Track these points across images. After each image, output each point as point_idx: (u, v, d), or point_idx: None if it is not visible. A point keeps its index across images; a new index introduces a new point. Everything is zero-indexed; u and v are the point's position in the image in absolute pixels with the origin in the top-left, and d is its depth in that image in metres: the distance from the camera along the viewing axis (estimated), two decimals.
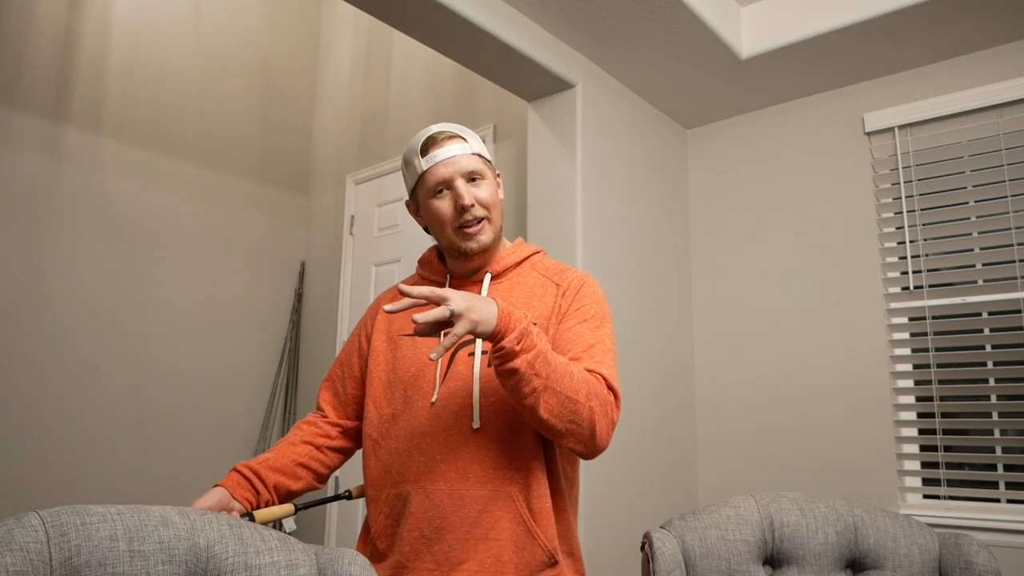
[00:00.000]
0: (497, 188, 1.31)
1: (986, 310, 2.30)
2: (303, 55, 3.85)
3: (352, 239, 3.50)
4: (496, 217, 1.30)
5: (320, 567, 0.94)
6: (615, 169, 2.59)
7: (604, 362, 1.19)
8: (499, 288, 1.31)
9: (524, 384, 1.05)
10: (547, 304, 1.27)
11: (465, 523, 1.15)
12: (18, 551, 0.74)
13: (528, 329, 1.06)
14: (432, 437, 1.21)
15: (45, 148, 2.85)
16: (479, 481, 1.17)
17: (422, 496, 1.18)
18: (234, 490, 1.19)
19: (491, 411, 1.20)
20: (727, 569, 1.29)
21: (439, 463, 1.19)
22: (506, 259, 1.33)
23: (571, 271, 1.34)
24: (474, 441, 1.18)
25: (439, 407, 1.22)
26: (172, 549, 0.85)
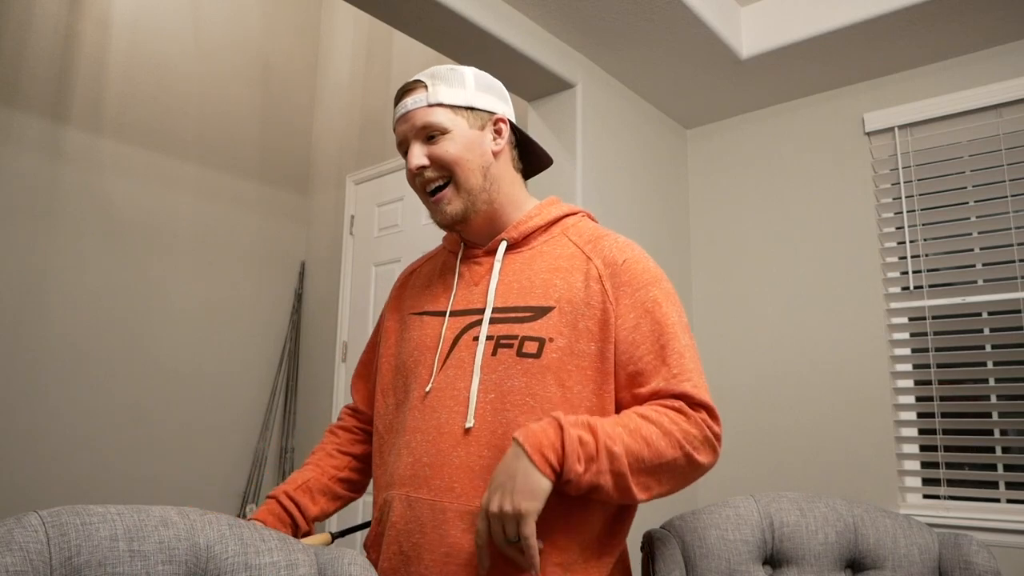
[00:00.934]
0: (482, 138, 1.07)
1: (986, 310, 2.30)
2: (303, 55, 3.85)
3: (352, 239, 3.50)
4: (465, 177, 1.05)
5: (320, 567, 0.94)
6: (615, 169, 2.59)
7: (682, 371, 0.97)
8: (517, 260, 1.08)
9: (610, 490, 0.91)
10: (578, 284, 1.02)
11: (445, 543, 0.96)
12: (18, 551, 0.74)
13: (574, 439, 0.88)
14: (421, 434, 1.02)
15: (45, 148, 2.85)
16: (466, 493, 0.96)
17: (404, 505, 1.00)
18: (274, 526, 1.10)
19: (489, 409, 0.99)
20: (727, 569, 1.29)
21: (424, 467, 1.00)
22: (527, 223, 1.09)
23: (606, 239, 1.07)
24: (465, 445, 0.98)
25: (432, 399, 1.03)
26: (172, 549, 0.85)
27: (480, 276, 1.09)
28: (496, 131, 1.09)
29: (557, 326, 1.00)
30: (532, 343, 1.00)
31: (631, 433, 0.91)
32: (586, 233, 1.09)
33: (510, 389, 0.99)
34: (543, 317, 1.01)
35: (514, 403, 0.98)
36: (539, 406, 0.98)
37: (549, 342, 0.99)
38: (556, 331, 1.00)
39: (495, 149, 1.08)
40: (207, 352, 3.29)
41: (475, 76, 1.10)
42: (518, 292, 1.04)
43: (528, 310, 1.02)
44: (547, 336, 0.99)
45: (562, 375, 0.98)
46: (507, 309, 1.03)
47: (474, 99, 1.07)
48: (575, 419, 0.91)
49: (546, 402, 0.98)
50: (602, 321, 1.00)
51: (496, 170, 1.08)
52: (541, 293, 1.03)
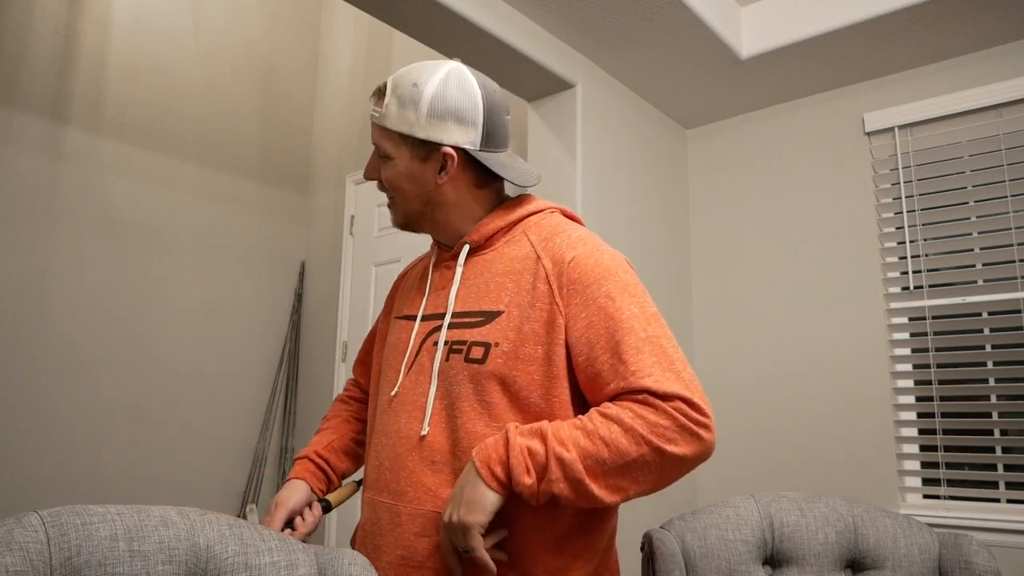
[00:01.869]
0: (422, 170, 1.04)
1: (986, 310, 2.30)
2: (303, 55, 3.85)
3: (352, 239, 3.50)
4: (403, 202, 1.08)
5: (320, 567, 0.94)
6: (615, 169, 2.59)
7: (640, 367, 0.90)
8: (478, 264, 1.06)
9: (570, 498, 0.89)
10: (527, 286, 1.00)
11: (401, 546, 0.98)
12: (18, 551, 0.74)
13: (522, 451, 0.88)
14: (385, 438, 1.04)
15: (45, 148, 2.85)
16: (419, 497, 0.98)
17: (369, 507, 1.04)
18: (312, 483, 1.17)
19: (443, 416, 0.99)
20: (727, 569, 1.29)
21: (385, 471, 1.02)
22: (489, 224, 1.07)
23: (560, 236, 1.03)
24: (419, 452, 0.99)
25: (397, 403, 1.05)
26: (172, 549, 0.85)
27: (447, 281, 1.09)
28: (441, 164, 1.04)
29: (504, 330, 0.98)
30: (478, 348, 0.99)
31: (588, 435, 0.88)
32: (545, 230, 1.06)
33: (459, 395, 0.99)
34: (492, 322, 1.00)
35: (462, 409, 0.98)
36: (486, 412, 0.97)
37: (494, 347, 0.98)
38: (502, 335, 0.98)
39: (440, 182, 1.05)
40: (207, 352, 3.29)
41: (431, 101, 1.02)
42: (475, 296, 1.04)
43: (480, 315, 1.01)
44: (493, 341, 0.98)
45: (507, 380, 0.97)
46: (464, 314, 1.03)
47: (421, 129, 1.02)
48: (528, 428, 0.91)
49: (492, 408, 0.97)
50: (548, 323, 0.97)
51: (442, 197, 1.06)
52: (494, 297, 1.02)
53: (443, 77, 1.02)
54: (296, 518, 1.15)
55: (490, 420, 0.97)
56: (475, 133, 1.04)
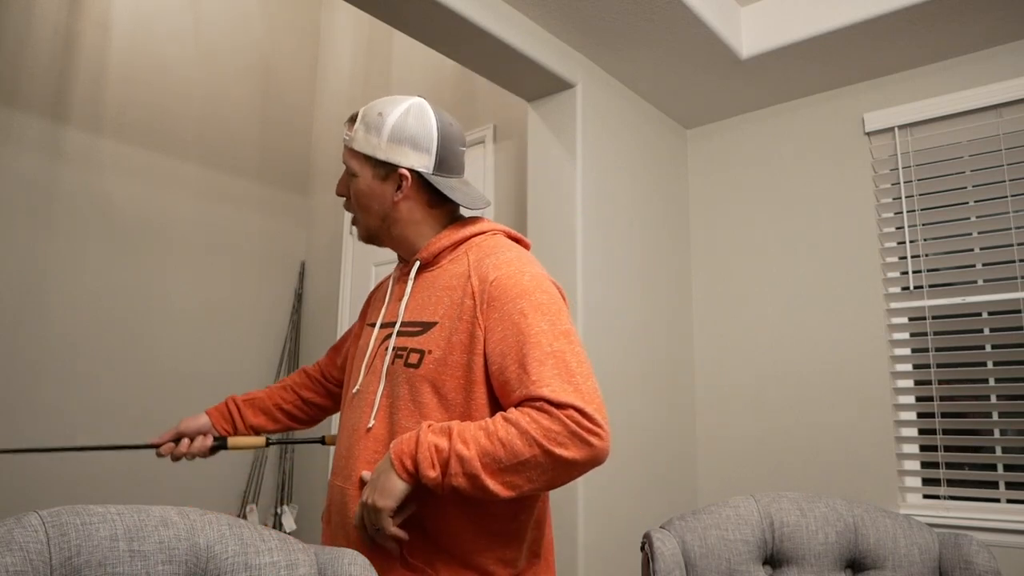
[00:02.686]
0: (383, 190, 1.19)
1: (986, 310, 2.30)
2: (303, 56, 3.85)
3: (352, 239, 3.50)
4: (366, 218, 1.22)
5: (320, 567, 0.94)
6: (615, 169, 2.59)
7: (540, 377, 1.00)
8: (428, 277, 1.20)
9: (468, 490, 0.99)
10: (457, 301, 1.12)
11: (348, 525, 1.13)
12: (18, 551, 0.74)
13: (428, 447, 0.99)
14: (345, 430, 1.20)
15: (45, 148, 2.85)
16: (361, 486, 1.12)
17: (333, 490, 1.18)
18: (216, 421, 1.41)
19: (386, 412, 1.14)
20: (727, 569, 1.29)
21: (342, 458, 1.17)
22: (437, 243, 1.20)
23: (491, 257, 1.14)
24: (365, 442, 1.14)
25: (355, 400, 1.20)
26: (172, 549, 0.85)
27: (401, 293, 1.24)
28: (398, 184, 1.19)
29: (436, 340, 1.12)
30: (415, 355, 1.13)
31: (488, 435, 0.99)
32: (482, 251, 1.17)
33: (398, 395, 1.13)
34: (428, 331, 1.14)
35: (399, 408, 1.12)
36: (419, 411, 1.10)
37: (428, 354, 1.11)
38: (435, 344, 1.11)
39: (396, 199, 1.19)
40: (207, 352, 3.29)
41: (392, 128, 1.18)
42: (419, 309, 1.17)
43: (420, 325, 1.16)
44: (427, 348, 1.12)
45: (437, 383, 1.10)
46: (409, 323, 1.18)
47: (382, 152, 1.18)
48: (439, 426, 1.02)
49: (424, 407, 1.10)
50: (470, 334, 1.09)
51: (398, 214, 1.21)
52: (432, 310, 1.15)
53: (405, 109, 1.19)
54: (184, 439, 1.38)
55: (420, 417, 1.10)
56: (428, 159, 1.19)
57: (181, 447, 1.37)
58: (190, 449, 1.37)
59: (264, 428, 1.46)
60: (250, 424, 1.43)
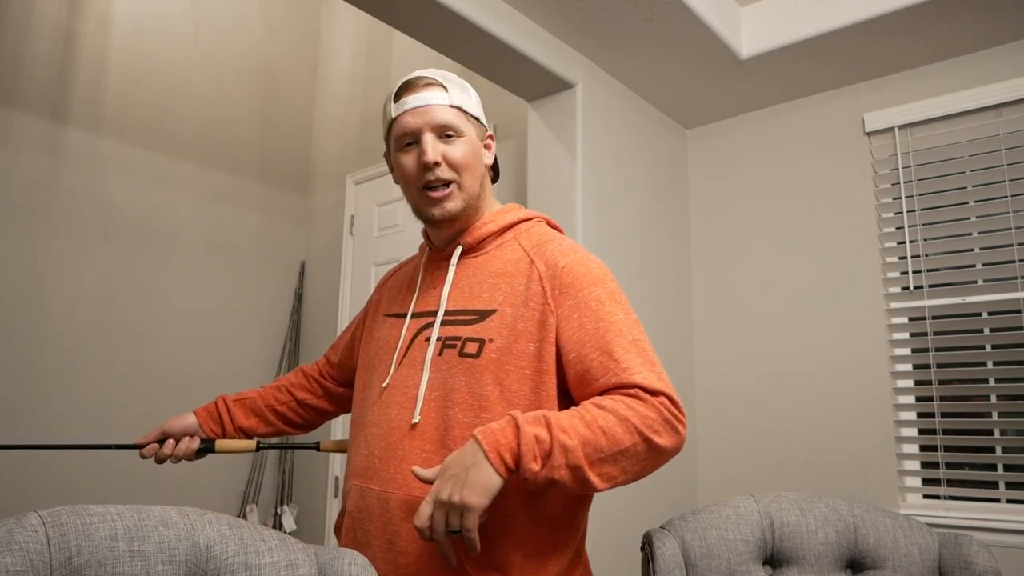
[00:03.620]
0: (482, 150, 1.15)
1: (986, 310, 2.30)
2: (303, 55, 3.85)
3: (352, 239, 3.50)
4: (469, 183, 1.10)
5: (320, 567, 0.94)
6: (615, 169, 2.59)
7: (630, 365, 0.97)
8: (471, 265, 1.12)
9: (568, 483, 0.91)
10: (520, 288, 1.06)
11: (387, 532, 1.02)
12: (18, 551, 0.74)
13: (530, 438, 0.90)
14: (375, 427, 1.08)
15: (45, 148, 2.85)
16: (407, 484, 1.02)
17: (357, 494, 1.07)
18: (204, 422, 1.32)
19: (434, 407, 1.04)
20: (727, 569, 1.29)
21: (375, 458, 1.06)
22: (482, 228, 1.13)
23: (551, 243, 1.11)
24: (409, 440, 1.04)
25: (388, 395, 1.09)
26: (172, 549, 0.85)
27: (438, 280, 1.15)
28: (486, 146, 1.18)
29: (497, 328, 1.04)
30: (473, 344, 1.05)
31: (587, 424, 0.92)
32: (535, 238, 1.13)
33: (452, 387, 1.03)
34: (485, 319, 1.06)
35: (455, 401, 1.03)
36: (478, 404, 1.02)
37: (488, 343, 1.04)
38: (496, 332, 1.04)
39: (487, 163, 1.17)
40: (207, 352, 3.29)
41: (474, 91, 1.18)
42: (467, 296, 1.10)
43: (473, 313, 1.08)
44: (487, 337, 1.04)
45: (500, 374, 1.02)
46: (456, 312, 1.09)
47: (478, 112, 1.16)
48: (532, 416, 0.93)
49: (485, 400, 1.02)
50: (540, 322, 1.03)
51: (484, 180, 1.16)
52: (487, 297, 1.08)
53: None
54: (169, 440, 1.30)
55: (480, 411, 1.02)
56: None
57: (166, 448, 1.28)
58: (175, 451, 1.28)
59: (255, 431, 1.35)
60: (240, 426, 1.33)
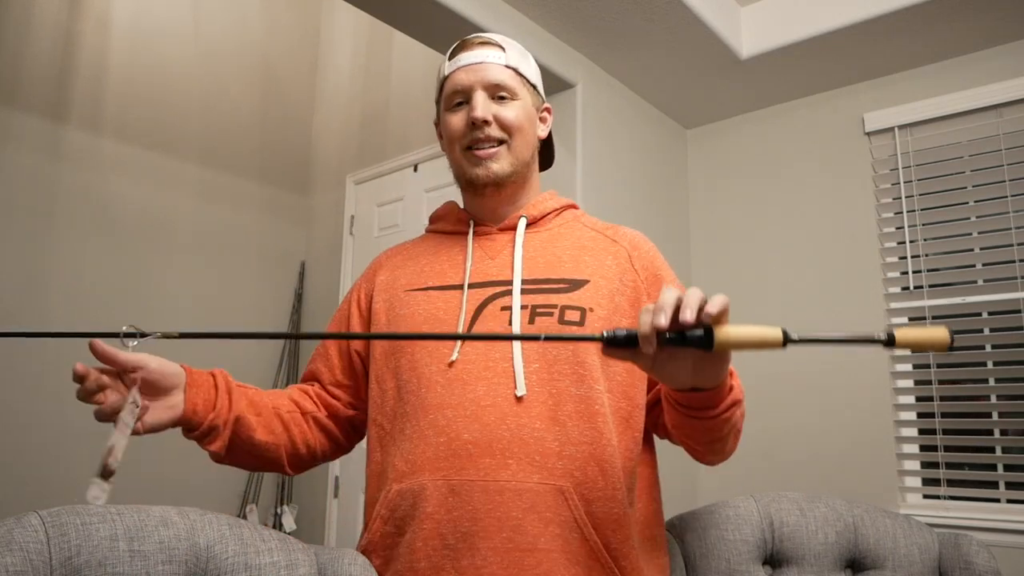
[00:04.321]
0: (537, 120, 1.08)
1: (986, 310, 2.30)
2: (303, 55, 3.85)
3: (352, 239, 3.50)
4: (521, 147, 1.03)
5: (320, 567, 0.94)
6: (615, 169, 2.58)
7: None
8: (536, 238, 1.05)
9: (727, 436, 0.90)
10: (608, 263, 1.03)
11: (505, 527, 0.87)
12: (18, 551, 0.74)
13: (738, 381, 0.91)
14: (455, 409, 0.92)
15: (45, 148, 2.85)
16: (523, 469, 0.88)
17: (444, 490, 0.89)
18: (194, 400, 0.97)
19: (536, 379, 0.93)
20: (727, 569, 1.28)
21: (467, 444, 0.90)
22: (544, 203, 1.09)
23: (621, 228, 1.11)
24: (515, 415, 0.90)
25: (461, 370, 0.94)
26: (172, 549, 0.85)
27: (496, 251, 1.05)
28: (542, 119, 1.11)
29: (595, 298, 0.98)
30: (573, 312, 0.97)
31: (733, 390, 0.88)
32: (598, 222, 1.12)
33: (556, 358, 0.95)
34: (580, 288, 0.99)
35: (562, 372, 0.94)
36: (588, 375, 0.94)
37: (590, 312, 0.97)
38: (595, 302, 0.98)
39: (541, 135, 1.10)
40: (207, 352, 3.29)
41: (534, 62, 1.10)
42: (545, 266, 1.02)
43: (563, 282, 1.00)
44: (587, 306, 0.97)
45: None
46: (538, 281, 1.00)
47: (536, 80, 1.09)
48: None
49: (592, 370, 0.95)
50: (633, 299, 1.01)
51: (535, 152, 1.10)
52: (572, 267, 1.01)
53: None
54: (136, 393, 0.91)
55: (591, 382, 0.94)
56: None
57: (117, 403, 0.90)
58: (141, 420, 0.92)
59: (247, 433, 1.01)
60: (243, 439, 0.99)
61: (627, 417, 0.98)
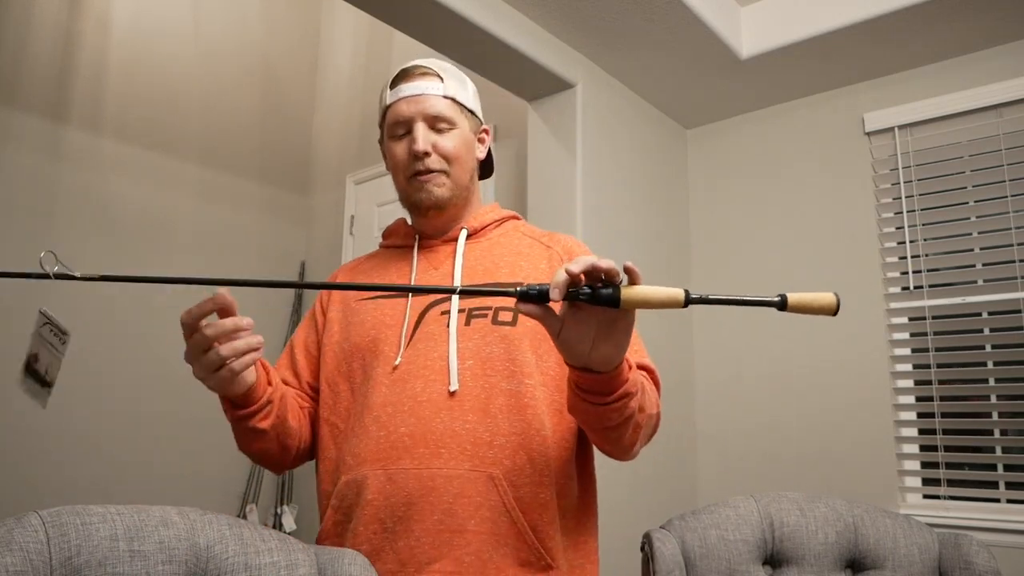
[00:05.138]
0: (475, 143, 1.15)
1: (986, 310, 2.30)
2: (303, 55, 3.85)
3: (352, 239, 3.50)
4: (459, 174, 1.11)
5: (320, 567, 0.94)
6: (615, 169, 2.59)
7: (642, 348, 1.07)
8: (477, 248, 1.13)
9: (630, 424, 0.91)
10: (542, 267, 1.10)
11: (437, 511, 0.94)
12: (18, 551, 0.74)
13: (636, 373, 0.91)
14: (395, 406, 1.00)
15: (45, 148, 2.85)
16: (454, 457, 0.96)
17: (382, 479, 0.97)
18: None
19: (470, 375, 1.00)
20: (727, 569, 1.28)
21: (404, 436, 0.97)
22: (484, 216, 1.16)
23: (557, 234, 1.18)
24: (448, 409, 0.98)
25: (403, 371, 1.02)
26: (172, 549, 0.85)
27: (439, 261, 1.13)
28: (480, 140, 1.18)
29: None
30: (506, 312, 1.04)
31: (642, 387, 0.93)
32: (536, 230, 1.19)
33: (489, 356, 1.02)
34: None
35: (495, 369, 1.01)
36: (519, 371, 1.01)
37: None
38: None
39: (479, 156, 1.18)
40: None
41: (471, 84, 1.18)
42: (483, 272, 1.09)
43: (497, 285, 1.07)
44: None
45: (535, 342, 1.04)
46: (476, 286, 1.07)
47: (474, 105, 1.16)
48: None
49: (525, 366, 1.02)
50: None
51: (475, 174, 1.18)
52: (508, 272, 1.09)
53: None
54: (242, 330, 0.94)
55: (522, 378, 1.01)
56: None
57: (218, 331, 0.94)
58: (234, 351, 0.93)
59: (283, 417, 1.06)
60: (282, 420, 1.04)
61: (560, 409, 1.04)
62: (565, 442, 1.04)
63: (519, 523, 0.96)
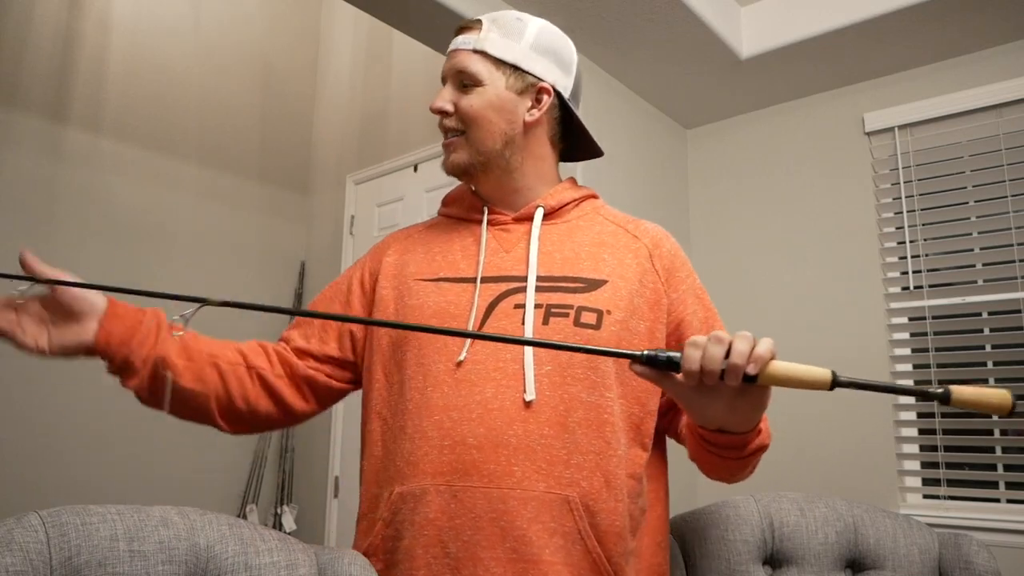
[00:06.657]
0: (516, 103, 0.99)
1: (986, 310, 2.30)
2: (303, 55, 3.85)
3: (352, 239, 3.50)
4: (480, 136, 0.98)
5: (320, 567, 0.94)
6: (615, 169, 2.58)
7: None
8: (554, 232, 1.01)
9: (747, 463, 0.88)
10: (628, 261, 0.99)
11: (510, 537, 0.83)
12: (18, 551, 0.74)
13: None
14: (460, 411, 0.88)
15: (45, 148, 2.85)
16: (528, 477, 0.85)
17: (446, 496, 0.86)
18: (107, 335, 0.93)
19: (547, 383, 0.89)
20: (727, 569, 1.28)
21: (471, 449, 0.86)
22: (564, 192, 1.04)
23: (643, 222, 1.07)
24: (523, 420, 0.87)
25: (469, 370, 0.90)
26: (172, 549, 0.85)
27: (511, 243, 1.00)
28: (536, 100, 1.00)
29: (613, 299, 0.94)
30: (590, 314, 0.93)
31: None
32: (618, 214, 1.08)
33: (570, 362, 0.90)
34: (597, 289, 0.95)
35: (575, 376, 0.90)
36: (601, 381, 0.91)
37: (607, 314, 0.93)
38: (613, 304, 0.94)
39: (528, 119, 1.00)
40: None
41: (537, 34, 1.01)
42: (563, 262, 0.97)
43: (579, 280, 0.96)
44: (605, 308, 0.93)
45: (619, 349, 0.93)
46: (554, 278, 0.96)
47: (523, 59, 0.99)
48: None
49: (606, 377, 0.92)
50: (653, 301, 0.98)
51: (523, 141, 1.01)
52: (591, 265, 0.97)
53: (544, 21, 1.04)
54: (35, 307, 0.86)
55: (603, 390, 0.91)
56: (569, 80, 1.04)
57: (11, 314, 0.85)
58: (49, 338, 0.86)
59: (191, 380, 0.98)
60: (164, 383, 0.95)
61: (638, 424, 0.95)
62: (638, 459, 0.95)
63: (595, 552, 0.86)
